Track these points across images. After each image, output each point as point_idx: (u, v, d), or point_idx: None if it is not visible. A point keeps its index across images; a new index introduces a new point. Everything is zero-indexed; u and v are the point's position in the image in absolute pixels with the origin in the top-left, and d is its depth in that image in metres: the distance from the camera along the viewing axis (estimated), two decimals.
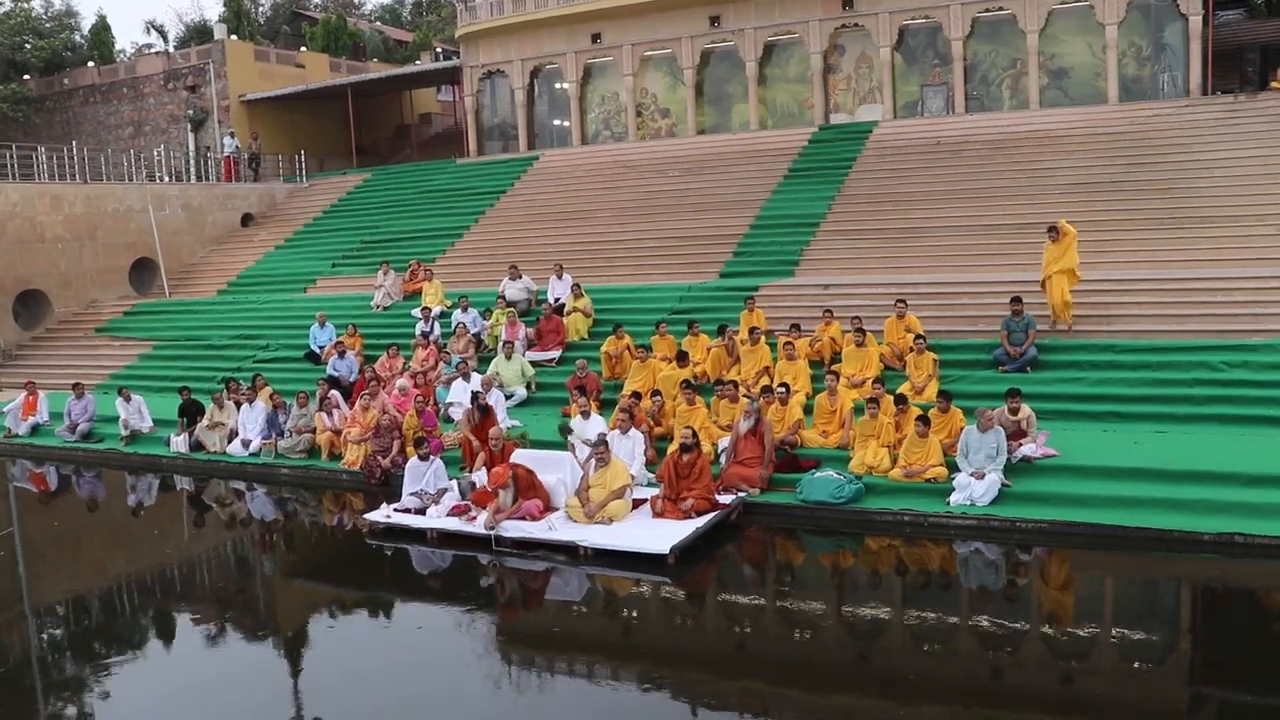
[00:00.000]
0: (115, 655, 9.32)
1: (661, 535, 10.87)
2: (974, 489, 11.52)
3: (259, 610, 10.84)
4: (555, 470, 12.24)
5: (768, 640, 9.11)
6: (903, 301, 16.41)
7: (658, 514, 11.66)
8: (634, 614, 9.92)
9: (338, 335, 20.69)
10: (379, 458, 14.69)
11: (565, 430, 14.27)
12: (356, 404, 15.94)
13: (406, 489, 12.75)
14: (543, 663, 8.60)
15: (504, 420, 15.03)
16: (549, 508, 11.88)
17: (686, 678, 8.25)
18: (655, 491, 12.08)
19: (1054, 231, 15.44)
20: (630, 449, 12.96)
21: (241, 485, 15.82)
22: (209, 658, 9.26)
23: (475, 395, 14.85)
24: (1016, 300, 15.65)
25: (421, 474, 12.78)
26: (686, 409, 13.76)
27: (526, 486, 11.79)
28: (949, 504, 11.57)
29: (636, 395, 14.63)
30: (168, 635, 9.97)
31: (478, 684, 8.14)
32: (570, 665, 8.55)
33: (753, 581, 10.91)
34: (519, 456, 12.48)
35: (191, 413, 17.56)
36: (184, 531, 14.26)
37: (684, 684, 8.12)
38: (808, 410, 14.23)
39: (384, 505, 12.65)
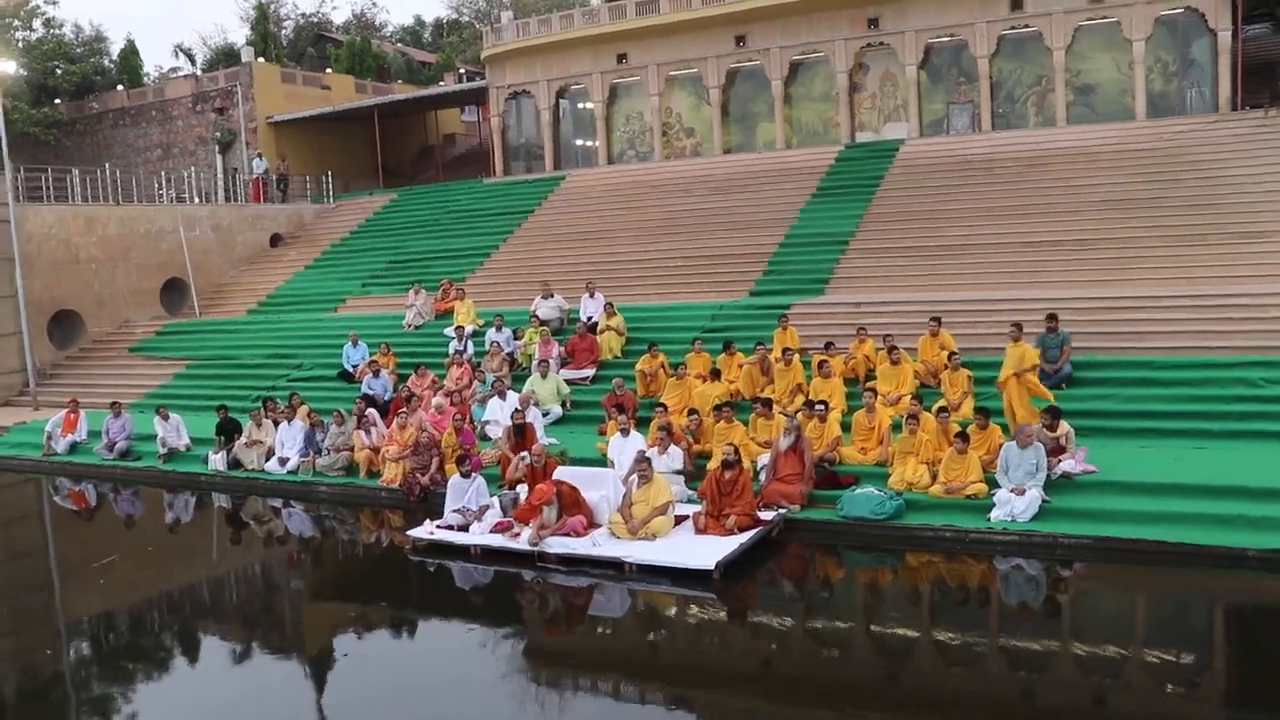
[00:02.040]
0: (156, 673, 9.43)
1: (706, 551, 10.92)
2: (1015, 505, 11.55)
3: (304, 626, 10.91)
4: (598, 487, 12.33)
5: (815, 659, 9.13)
6: (936, 319, 16.45)
7: (700, 530, 11.73)
8: (680, 631, 9.88)
9: (371, 354, 20.90)
10: (418, 475, 14.85)
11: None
12: (394, 422, 16.12)
13: (449, 505, 12.89)
14: (589, 681, 8.63)
15: (542, 438, 15.13)
16: (592, 524, 11.97)
17: (735, 697, 8.24)
18: (697, 508, 12.15)
19: (1018, 329, 14.25)
20: (670, 467, 13.07)
21: (279, 502, 15.96)
22: (250, 675, 9.31)
23: (514, 413, 14.87)
24: (1052, 317, 15.68)
25: (464, 491, 12.92)
26: (725, 427, 13.87)
27: (570, 503, 11.90)
28: (990, 520, 11.56)
29: (663, 407, 14.73)
30: (210, 652, 10.03)
31: (522, 703, 8.14)
32: (617, 684, 8.54)
33: (796, 597, 10.93)
34: (561, 473, 12.59)
35: (229, 431, 17.76)
36: (222, 547, 14.47)
37: (733, 704, 8.11)
38: (845, 428, 14.28)
39: (427, 522, 12.83)
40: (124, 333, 27.56)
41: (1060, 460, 12.28)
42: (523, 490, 12.60)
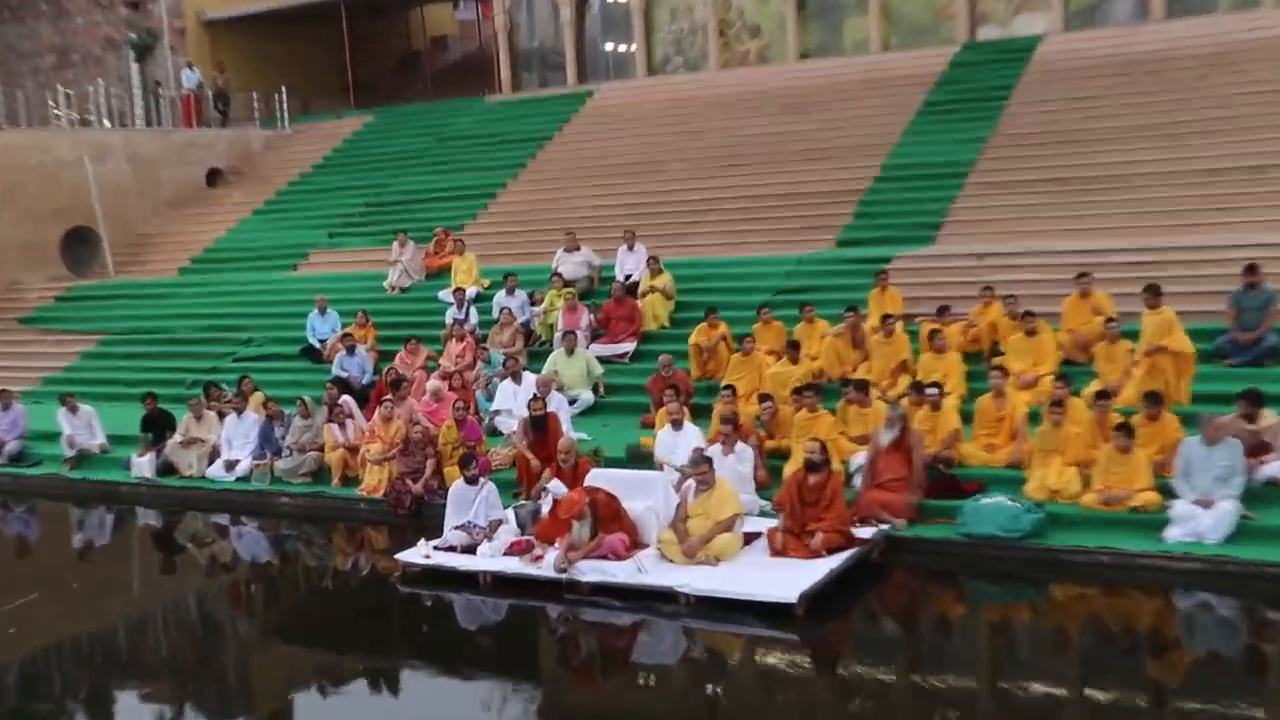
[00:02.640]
0: None
1: (785, 579, 10.89)
2: (1200, 521, 11.42)
3: (257, 685, 10.85)
4: (644, 495, 12.32)
5: None
6: (1086, 275, 16.35)
7: (777, 551, 11.72)
8: (750, 686, 9.82)
9: (343, 326, 21.03)
10: (408, 481, 14.87)
11: (639, 454, 14.49)
12: (376, 414, 16.07)
13: (449, 521, 12.91)
14: None
15: (569, 433, 15.02)
16: (636, 544, 11.93)
17: None
18: (772, 523, 12.15)
19: (1153, 293, 14.81)
20: (736, 469, 12.99)
21: (226, 519, 16.07)
22: None
23: (532, 401, 14.98)
24: (1251, 269, 15.40)
25: (469, 501, 12.90)
26: (807, 417, 13.85)
27: (608, 516, 11.89)
28: (1165, 540, 11.45)
29: (730, 389, 14.75)
30: None
31: None
32: None
33: (903, 642, 10.87)
34: (596, 478, 12.57)
35: (159, 426, 17.97)
36: (149, 580, 14.45)
37: None
38: (966, 417, 14.25)
39: (421, 543, 12.81)
40: (12, 299, 27.65)
41: (1263, 462, 12.12)
42: (550, 497, 12.65)
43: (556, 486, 12.71)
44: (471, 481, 13.10)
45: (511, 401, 16.52)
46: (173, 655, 11.57)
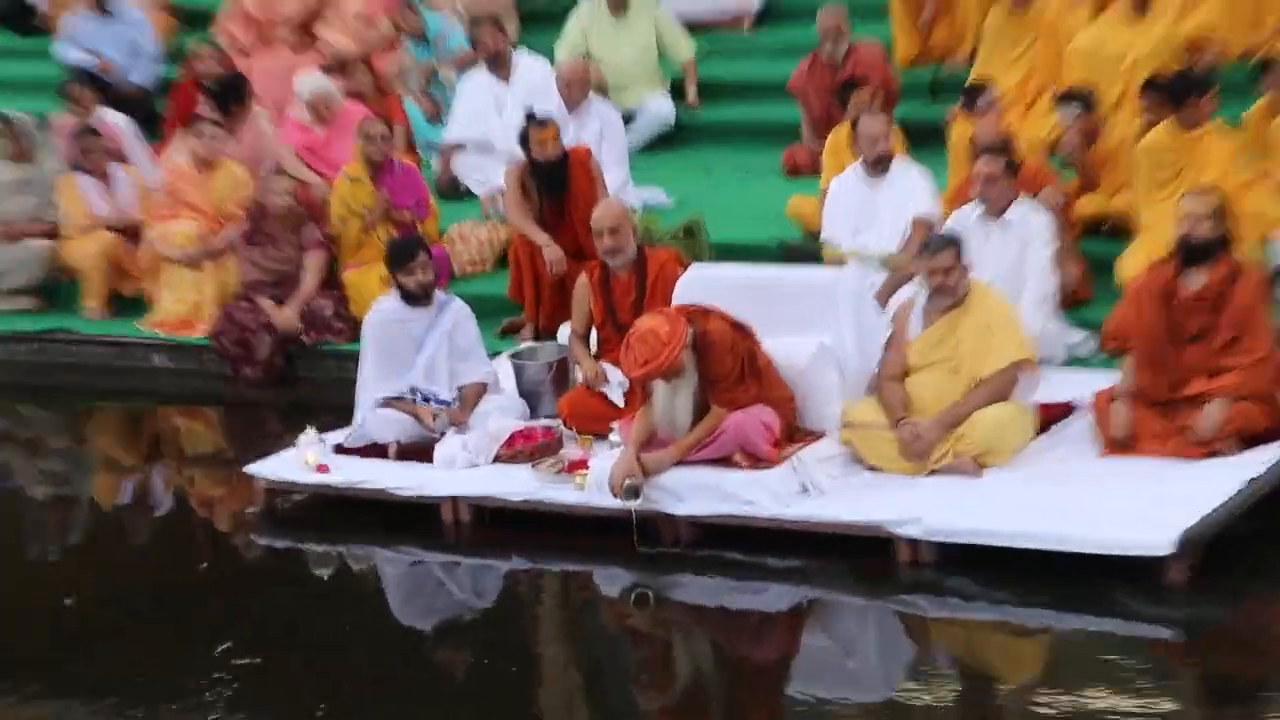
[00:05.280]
0: None
1: (1140, 506, 6.81)
2: None
3: None
4: (807, 323, 7.66)
5: None
6: None
7: (1117, 443, 7.31)
8: None
9: None
10: (262, 303, 10.18)
11: (789, 249, 9.97)
12: (178, 147, 11.28)
13: (369, 388, 8.24)
14: None
15: (622, 188, 9.95)
16: (792, 431, 7.40)
17: None
18: (1103, 381, 7.70)
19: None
20: (1008, 260, 8.37)
21: None
22: None
23: (529, 121, 9.75)
24: None
25: (411, 342, 8.22)
26: (1175, 141, 9.07)
27: (732, 372, 7.28)
28: None
29: (983, 88, 10.08)
30: None
31: None
32: None
33: None
34: (697, 288, 7.70)
35: None
36: None
37: None
38: None
39: (304, 437, 8.06)
40: None
41: None
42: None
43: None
44: (415, 297, 8.12)
45: (490, 123, 11.13)
46: None
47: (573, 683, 6.68)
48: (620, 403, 7.92)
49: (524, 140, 9.54)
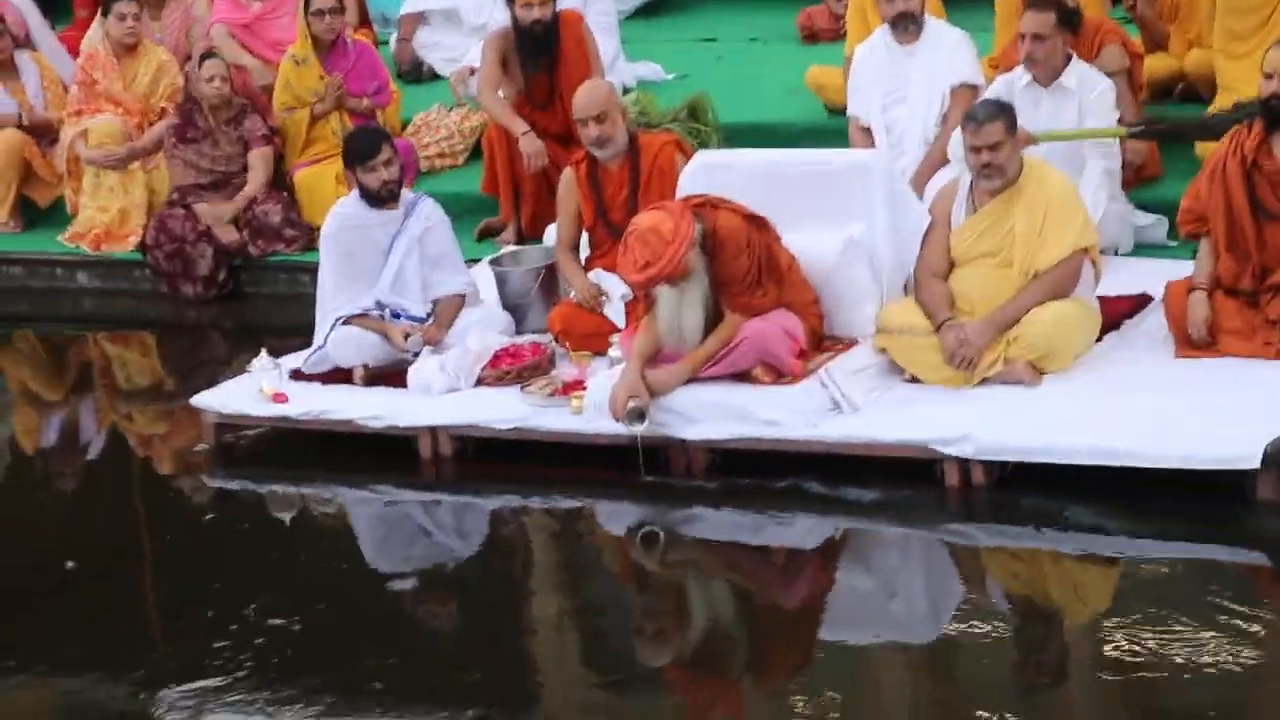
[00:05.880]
0: None
1: (1224, 414, 6.34)
2: None
3: None
4: (832, 213, 7.08)
5: None
6: None
7: (1192, 345, 6.91)
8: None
9: None
10: (197, 209, 9.43)
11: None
12: (97, 32, 10.47)
13: (330, 302, 7.63)
14: None
15: (614, 64, 9.28)
16: (819, 340, 6.95)
17: None
18: (1178, 270, 7.25)
19: None
20: (1062, 123, 7.92)
21: None
22: None
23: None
24: None
25: (375, 248, 7.62)
26: None
27: (747, 273, 6.76)
28: None
29: None
30: None
31: None
32: None
33: None
34: (702, 176, 7.11)
35: None
36: None
37: None
38: None
39: (258, 361, 7.52)
40: None
41: None
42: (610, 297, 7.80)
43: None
44: (378, 198, 7.41)
45: None
46: None
47: (573, 635, 6.07)
48: (621, 322, 7.31)
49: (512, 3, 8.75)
